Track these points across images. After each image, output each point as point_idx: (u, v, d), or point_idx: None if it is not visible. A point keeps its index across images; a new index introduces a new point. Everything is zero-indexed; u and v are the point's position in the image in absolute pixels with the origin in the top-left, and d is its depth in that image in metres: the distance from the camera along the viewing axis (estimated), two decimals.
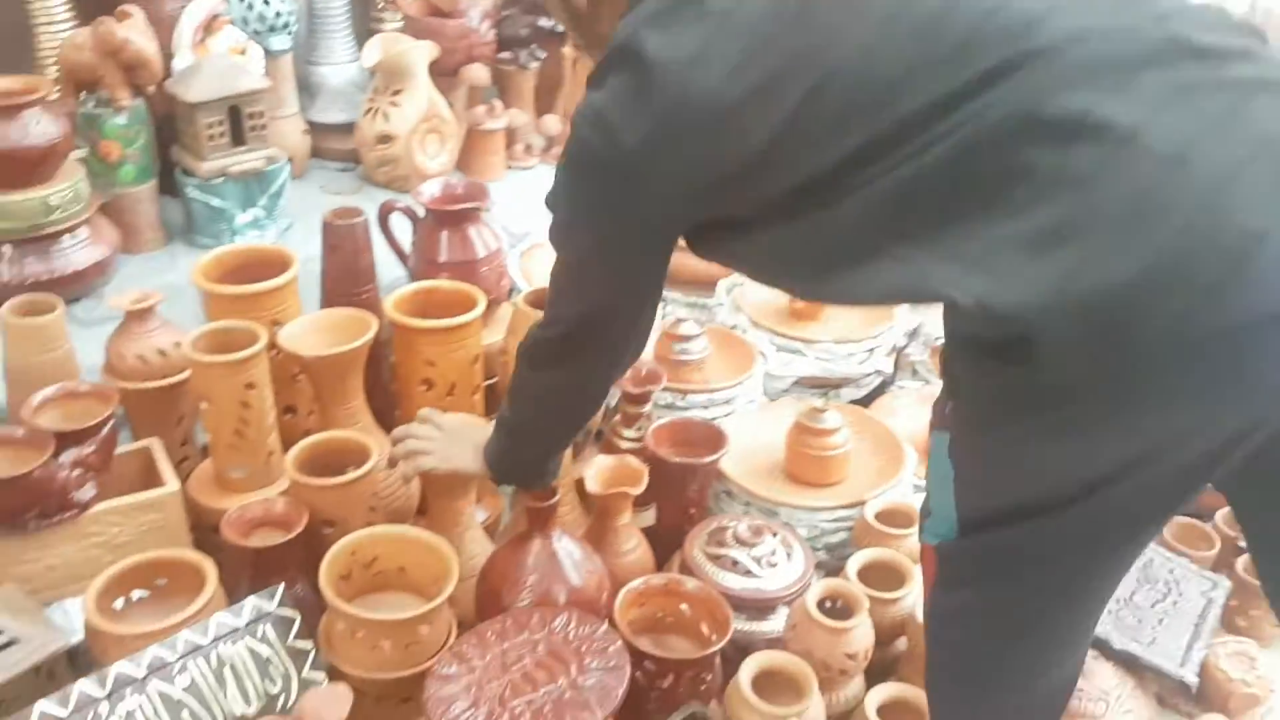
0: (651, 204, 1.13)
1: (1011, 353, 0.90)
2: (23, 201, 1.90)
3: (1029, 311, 0.88)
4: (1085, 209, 0.88)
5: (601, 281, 1.27)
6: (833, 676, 1.47)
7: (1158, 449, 0.95)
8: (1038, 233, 0.89)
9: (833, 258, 1.04)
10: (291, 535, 1.51)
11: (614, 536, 1.69)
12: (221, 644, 1.37)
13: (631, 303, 1.29)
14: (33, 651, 1.32)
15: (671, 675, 1.44)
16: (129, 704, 1.30)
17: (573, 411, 1.47)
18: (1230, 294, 0.84)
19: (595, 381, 1.40)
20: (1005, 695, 1.17)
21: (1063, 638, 1.14)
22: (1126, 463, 0.95)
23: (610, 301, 1.28)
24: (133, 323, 1.72)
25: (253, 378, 1.62)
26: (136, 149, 2.10)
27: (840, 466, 1.84)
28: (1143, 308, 0.86)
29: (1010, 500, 1.02)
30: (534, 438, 1.50)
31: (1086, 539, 1.03)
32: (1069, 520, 1.00)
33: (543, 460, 1.52)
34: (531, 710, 1.30)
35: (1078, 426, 0.94)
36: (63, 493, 1.49)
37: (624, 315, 1.30)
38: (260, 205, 2.22)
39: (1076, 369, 0.89)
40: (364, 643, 1.43)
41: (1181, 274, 0.85)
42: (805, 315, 2.22)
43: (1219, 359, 0.87)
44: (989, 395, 0.99)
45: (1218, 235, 0.84)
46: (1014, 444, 0.99)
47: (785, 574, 1.61)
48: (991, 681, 1.17)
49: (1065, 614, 1.11)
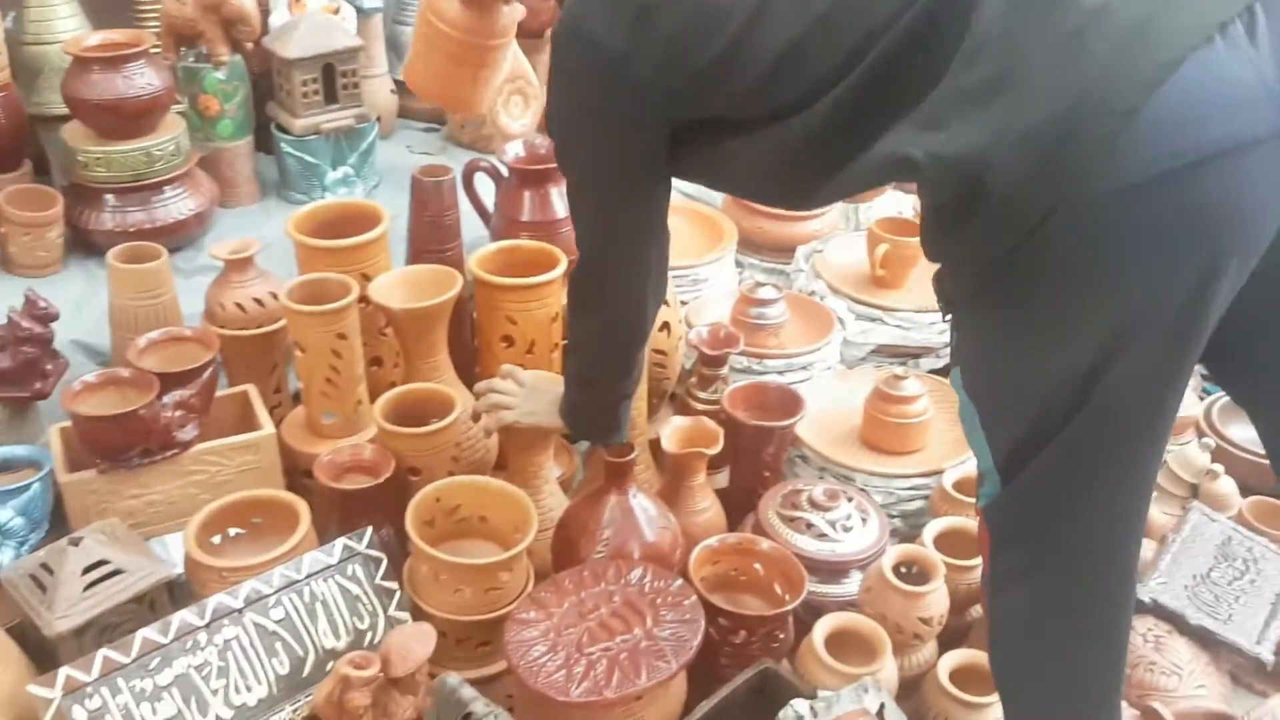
0: (637, 102, 1.18)
1: (971, 207, 0.97)
2: (126, 152, 1.97)
3: (976, 152, 0.96)
4: (1020, 59, 0.96)
5: (605, 200, 1.32)
6: (906, 640, 1.49)
7: (1134, 306, 0.97)
8: (979, 85, 0.98)
9: (810, 159, 1.11)
10: (379, 481, 1.56)
11: (688, 496, 1.72)
12: (314, 580, 1.43)
13: (636, 223, 1.34)
14: (137, 581, 1.39)
15: (744, 632, 1.47)
16: (226, 634, 1.37)
17: (618, 349, 1.49)
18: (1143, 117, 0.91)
19: (629, 314, 1.44)
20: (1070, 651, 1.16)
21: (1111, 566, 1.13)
22: (1112, 331, 0.98)
23: (617, 222, 1.34)
24: (232, 272, 1.78)
25: (344, 328, 1.68)
26: (234, 104, 2.16)
27: (919, 434, 1.85)
28: (1074, 137, 0.93)
29: (1031, 414, 1.05)
30: (594, 384, 1.53)
31: (1109, 441, 1.04)
32: (1086, 425, 1.02)
33: (611, 410, 1.55)
34: (608, 657, 1.34)
35: (1054, 294, 0.99)
36: (166, 432, 1.56)
37: (632, 238, 1.35)
38: (350, 163, 2.27)
39: (1028, 209, 0.95)
40: (447, 586, 1.48)
41: (1107, 103, 0.92)
42: (886, 283, 2.21)
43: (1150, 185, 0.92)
44: (971, 282, 1.05)
45: (1135, 69, 0.92)
46: (1006, 337, 1.05)
47: (860, 539, 1.63)
48: (1055, 637, 1.16)
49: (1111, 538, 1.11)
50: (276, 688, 1.37)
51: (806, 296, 2.22)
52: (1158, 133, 0.92)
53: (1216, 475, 1.88)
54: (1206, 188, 0.93)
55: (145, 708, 1.30)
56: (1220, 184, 0.93)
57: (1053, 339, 1.01)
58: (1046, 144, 0.94)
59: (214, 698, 1.34)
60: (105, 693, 1.28)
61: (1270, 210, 0.97)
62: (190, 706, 1.32)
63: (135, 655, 1.31)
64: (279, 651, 1.39)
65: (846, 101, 1.06)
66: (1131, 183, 0.92)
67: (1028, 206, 0.96)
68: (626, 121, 1.22)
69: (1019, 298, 1.02)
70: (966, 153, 0.97)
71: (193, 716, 1.32)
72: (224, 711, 1.34)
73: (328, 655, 1.41)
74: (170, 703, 1.31)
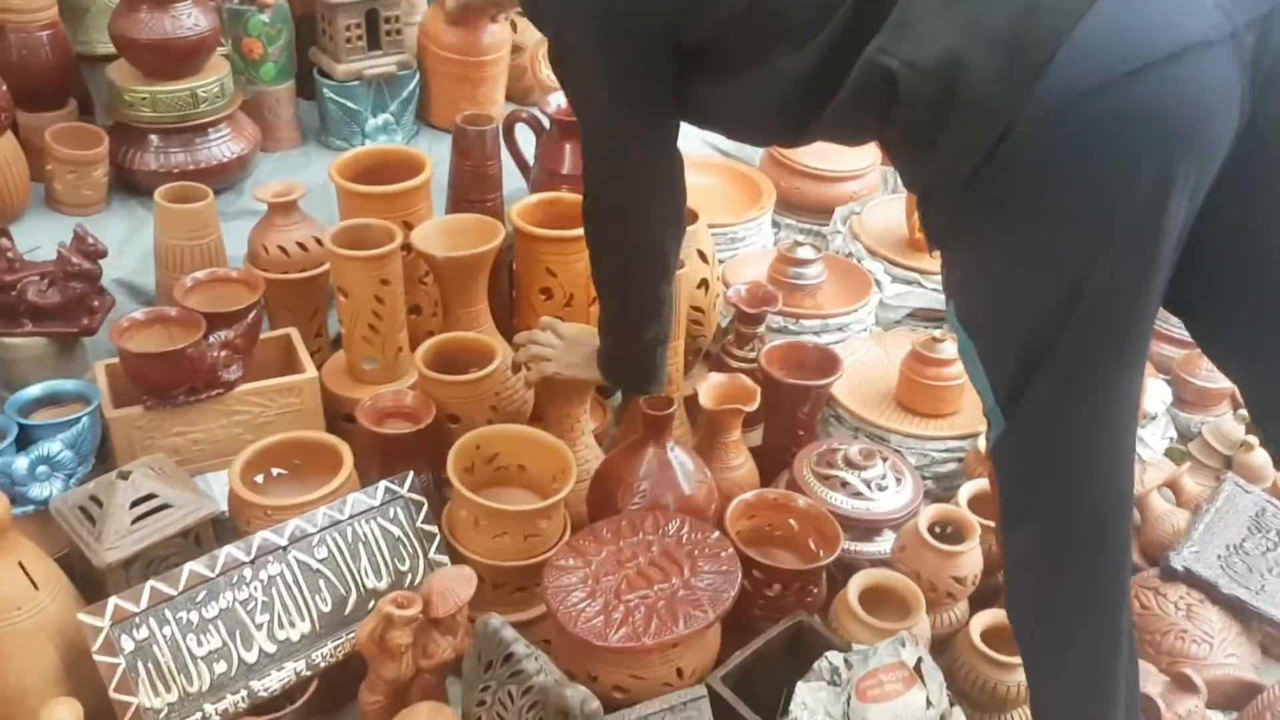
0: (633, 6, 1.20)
1: (942, 116, 0.99)
2: (172, 92, 1.97)
3: (948, 54, 0.98)
4: None
5: (610, 122, 1.32)
6: (939, 598, 1.50)
7: (1097, 215, 0.98)
8: None
9: (800, 98, 1.14)
10: (420, 427, 1.58)
11: (722, 452, 1.73)
12: (357, 521, 1.45)
13: (644, 149, 1.34)
14: (184, 516, 1.41)
15: (779, 585, 1.48)
16: (271, 570, 1.39)
17: (640, 285, 1.48)
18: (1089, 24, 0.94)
19: (645, 247, 1.44)
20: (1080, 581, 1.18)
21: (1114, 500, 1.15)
22: (1083, 243, 1.00)
23: (624, 145, 1.33)
24: (276, 215, 1.79)
25: (388, 274, 1.68)
26: (278, 47, 2.15)
27: (955, 397, 1.85)
28: (1029, 42, 0.95)
29: (1019, 341, 1.06)
30: (623, 327, 1.53)
31: (1093, 362, 1.05)
32: (1071, 345, 1.03)
33: (645, 358, 1.54)
34: (646, 605, 1.36)
35: (1024, 212, 1.01)
36: (211, 371, 1.57)
37: (640, 164, 1.35)
38: (390, 110, 2.27)
39: (995, 114, 0.97)
40: (486, 531, 1.49)
41: (1057, 6, 0.95)
42: (923, 246, 2.20)
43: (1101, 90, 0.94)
44: (949, 210, 1.07)
45: None
46: (988, 262, 1.07)
47: (895, 498, 1.64)
48: (1064, 566, 1.18)
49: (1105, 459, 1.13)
50: (319, 624, 1.40)
51: (844, 258, 2.22)
52: (1105, 40, 0.94)
53: (1251, 447, 1.88)
54: (1155, 91, 0.95)
55: (191, 639, 1.32)
56: (1169, 87, 0.95)
57: (1031, 258, 1.04)
58: (1009, 46, 0.96)
59: (258, 632, 1.36)
60: (153, 623, 1.31)
61: (1221, 112, 0.98)
62: (235, 640, 1.35)
63: (182, 588, 1.33)
64: (322, 589, 1.41)
65: (830, 44, 1.08)
66: (1083, 90, 0.95)
67: (994, 112, 0.97)
68: (627, 22, 1.22)
69: (994, 221, 1.04)
70: (939, 55, 0.99)
71: (237, 649, 1.35)
72: (268, 645, 1.36)
73: (369, 594, 1.43)
74: (215, 635, 1.34)
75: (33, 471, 1.44)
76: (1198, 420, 2.04)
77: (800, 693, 1.27)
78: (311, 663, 1.38)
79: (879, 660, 1.25)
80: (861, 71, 1.05)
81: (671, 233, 1.44)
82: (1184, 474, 1.85)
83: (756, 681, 1.38)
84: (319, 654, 1.39)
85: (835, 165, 2.43)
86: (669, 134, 1.34)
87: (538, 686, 1.24)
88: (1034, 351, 1.05)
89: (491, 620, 1.30)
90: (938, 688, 1.24)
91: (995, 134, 0.98)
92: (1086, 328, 1.03)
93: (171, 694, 1.30)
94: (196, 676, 1.32)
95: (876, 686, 1.24)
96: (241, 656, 1.35)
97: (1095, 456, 1.12)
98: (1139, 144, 0.96)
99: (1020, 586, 1.22)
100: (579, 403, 1.74)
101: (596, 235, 1.45)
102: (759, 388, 1.74)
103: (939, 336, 1.85)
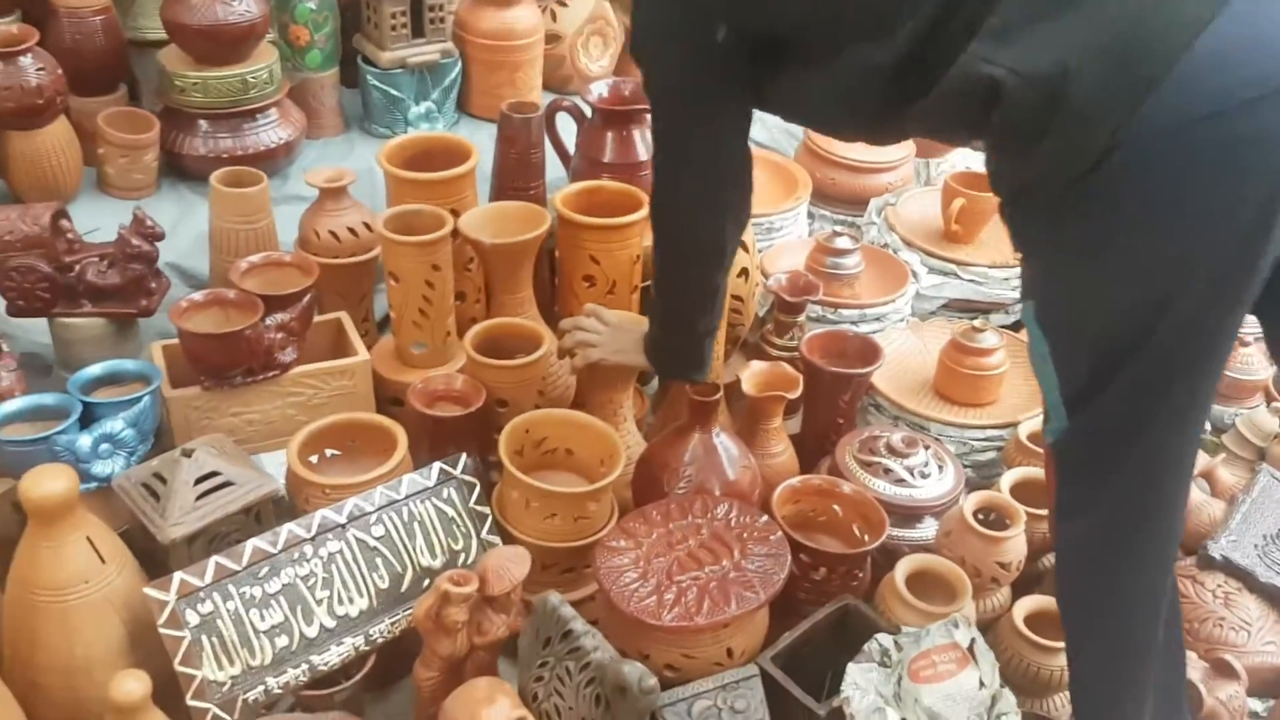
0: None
1: (1046, 125, 1.00)
2: (223, 78, 2.00)
3: (1057, 65, 0.98)
4: None
5: (680, 113, 1.34)
6: (983, 584, 1.52)
7: (1197, 239, 1.00)
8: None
9: (884, 90, 1.14)
10: (470, 410, 1.60)
11: (764, 439, 1.75)
12: (413, 501, 1.48)
13: (713, 141, 1.36)
14: (246, 493, 1.44)
15: (825, 569, 1.51)
16: (330, 547, 1.42)
17: (700, 277, 1.51)
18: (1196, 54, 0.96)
19: (708, 239, 1.46)
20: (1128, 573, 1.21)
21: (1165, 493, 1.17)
22: (1178, 264, 1.01)
23: (693, 136, 1.35)
24: (326, 200, 1.82)
25: (439, 259, 1.71)
26: (324, 34, 2.18)
27: (994, 387, 1.87)
28: (1139, 59, 0.97)
29: (1100, 346, 1.08)
30: (678, 317, 1.56)
31: (1177, 369, 1.07)
32: (1152, 358, 1.05)
33: (695, 347, 1.57)
34: (698, 586, 1.39)
35: (1122, 227, 1.02)
36: (268, 353, 1.60)
37: (707, 157, 1.37)
38: (433, 98, 2.29)
39: (1101, 125, 0.98)
40: (537, 513, 1.52)
41: (1166, 34, 0.97)
42: (959, 238, 2.22)
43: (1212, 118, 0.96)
44: (1042, 214, 1.07)
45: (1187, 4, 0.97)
46: (1078, 268, 1.07)
47: (937, 485, 1.66)
48: (1114, 562, 1.20)
49: (1169, 464, 1.15)
50: (377, 601, 1.43)
51: (880, 249, 2.24)
52: (1223, 61, 0.96)
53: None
54: (1272, 118, 0.96)
55: (254, 614, 1.35)
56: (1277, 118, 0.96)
57: (1126, 270, 1.05)
58: (1120, 58, 0.97)
59: (318, 607, 1.39)
60: (217, 598, 1.34)
61: None
62: (296, 615, 1.38)
63: (246, 563, 1.36)
64: (379, 566, 1.44)
65: (916, 37, 1.09)
66: (1199, 113, 0.96)
67: (1102, 124, 0.98)
68: (698, 19, 1.25)
69: (1090, 229, 1.05)
70: (1047, 67, 1.00)
71: (299, 624, 1.38)
72: (328, 621, 1.39)
73: (424, 573, 1.46)
74: (278, 610, 1.37)
75: (96, 449, 1.47)
76: (1231, 412, 2.06)
77: (851, 673, 1.30)
78: (369, 638, 1.41)
79: (931, 641, 1.28)
80: (961, 77, 1.06)
81: (733, 225, 1.46)
82: (1218, 465, 1.87)
83: (804, 663, 1.40)
84: (376, 630, 1.42)
85: (870, 156, 2.44)
86: (741, 125, 1.36)
87: (595, 663, 1.27)
88: (1115, 357, 1.06)
89: (551, 598, 1.33)
90: (990, 668, 1.27)
91: (1101, 146, 0.99)
92: (1173, 340, 1.04)
93: (235, 667, 1.33)
94: (259, 650, 1.35)
95: (929, 667, 1.26)
96: (302, 631, 1.38)
97: (1162, 458, 1.13)
98: (1249, 170, 0.97)
99: (1070, 573, 1.24)
100: (622, 389, 1.77)
101: (662, 223, 1.47)
102: (800, 374, 1.76)
103: (979, 326, 1.87)
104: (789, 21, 1.21)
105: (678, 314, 1.56)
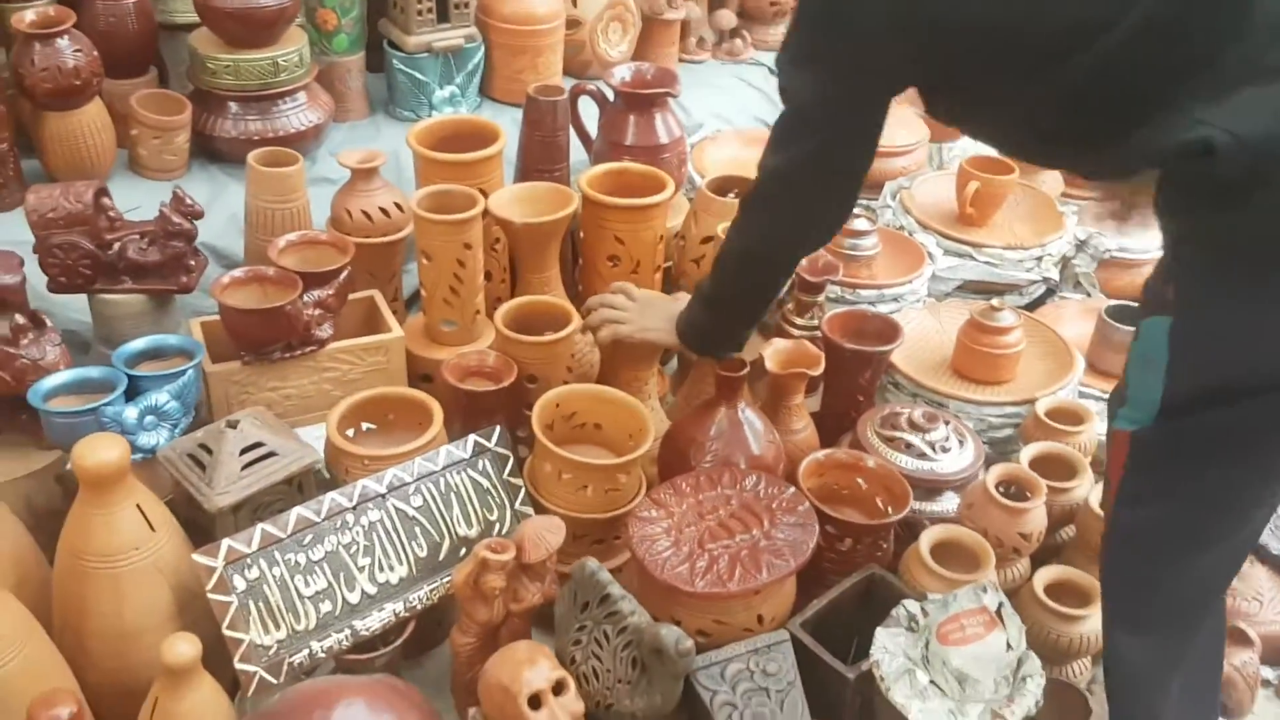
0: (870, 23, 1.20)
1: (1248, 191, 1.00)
2: (254, 61, 2.04)
3: (1273, 135, 0.98)
4: None
5: (835, 115, 1.33)
6: (1005, 554, 1.56)
7: None
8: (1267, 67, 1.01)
9: (1070, 121, 1.13)
10: (502, 385, 1.64)
11: (786, 415, 1.79)
12: (449, 472, 1.52)
13: (841, 151, 1.36)
14: (290, 463, 1.48)
15: (850, 539, 1.55)
16: (371, 516, 1.46)
17: (764, 282, 1.55)
18: None
19: (804, 246, 1.50)
20: (1178, 573, 1.25)
21: (1236, 515, 1.21)
22: None
23: (816, 147, 1.35)
24: (358, 180, 1.85)
25: (471, 238, 1.75)
26: (351, 19, 2.21)
27: (1011, 365, 1.91)
28: None
29: (1223, 380, 1.10)
30: (729, 307, 1.60)
31: None
32: (1272, 404, 1.08)
33: (736, 332, 1.62)
34: (729, 554, 1.43)
35: None
36: (306, 329, 1.64)
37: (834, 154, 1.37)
38: (457, 82, 2.33)
39: None
40: (570, 484, 1.56)
41: None
42: (973, 220, 2.26)
43: None
44: (1214, 258, 1.08)
45: None
46: (1238, 316, 1.07)
47: (958, 459, 1.70)
48: (1167, 558, 1.24)
49: (1245, 493, 1.19)
50: (416, 568, 1.47)
51: (896, 231, 2.27)
52: None
53: None
54: None
55: (299, 580, 1.39)
56: None
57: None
58: None
59: (360, 574, 1.43)
60: (263, 564, 1.38)
61: None
62: (339, 581, 1.42)
63: (290, 531, 1.40)
64: (418, 535, 1.48)
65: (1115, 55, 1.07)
66: None
67: None
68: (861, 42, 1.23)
69: (1263, 277, 1.06)
70: (1264, 137, 0.99)
71: (341, 590, 1.42)
72: (369, 587, 1.43)
73: (461, 542, 1.50)
74: (321, 577, 1.41)
75: (141, 421, 1.51)
76: None
77: (880, 637, 1.34)
78: (409, 604, 1.45)
79: (959, 605, 1.32)
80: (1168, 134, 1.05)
81: (818, 237, 1.50)
82: None
83: (832, 630, 1.44)
84: (415, 597, 1.46)
85: (884, 140, 2.46)
86: (875, 133, 1.36)
87: (633, 626, 1.31)
88: (1244, 392, 1.09)
89: (589, 563, 1.37)
90: (1017, 631, 1.31)
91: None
92: None
93: (280, 631, 1.37)
94: (304, 615, 1.39)
95: (958, 630, 1.30)
96: (345, 597, 1.42)
97: (1250, 475, 1.16)
98: None
99: (1122, 557, 1.26)
100: (647, 366, 1.81)
101: (757, 225, 1.47)
102: (822, 352, 1.80)
103: (997, 305, 1.91)
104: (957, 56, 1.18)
105: (737, 305, 1.60)
